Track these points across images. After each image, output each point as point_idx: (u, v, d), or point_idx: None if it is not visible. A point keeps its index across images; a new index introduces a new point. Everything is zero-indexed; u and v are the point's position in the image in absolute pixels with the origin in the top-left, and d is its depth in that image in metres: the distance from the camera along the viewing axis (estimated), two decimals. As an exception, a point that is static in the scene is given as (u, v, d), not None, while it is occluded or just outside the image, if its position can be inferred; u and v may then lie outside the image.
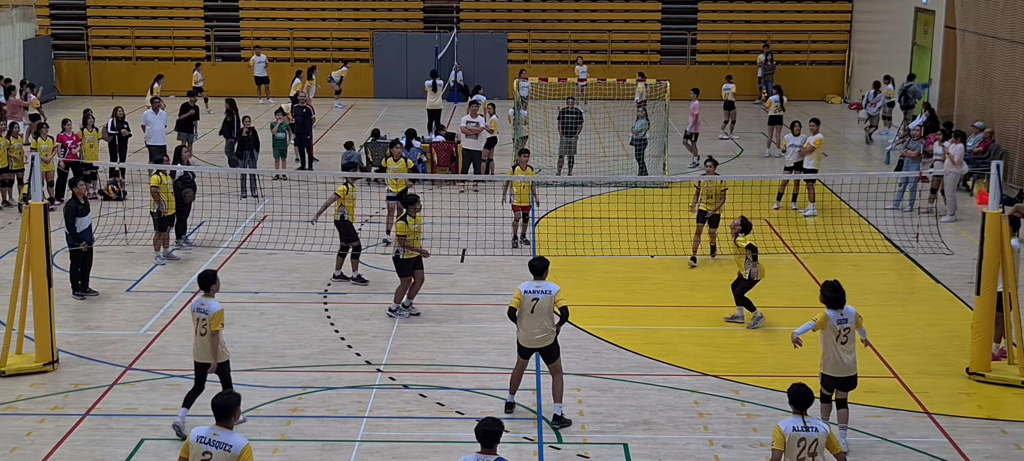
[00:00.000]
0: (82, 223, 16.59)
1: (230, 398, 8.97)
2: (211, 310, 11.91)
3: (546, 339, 12.37)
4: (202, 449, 8.69)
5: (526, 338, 12.44)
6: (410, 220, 15.80)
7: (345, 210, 17.64)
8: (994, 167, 13.99)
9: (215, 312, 11.90)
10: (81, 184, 17.00)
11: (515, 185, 19.57)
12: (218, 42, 40.47)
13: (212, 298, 12.04)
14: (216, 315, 11.90)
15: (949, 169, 21.71)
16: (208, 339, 11.96)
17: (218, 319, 11.92)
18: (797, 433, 9.21)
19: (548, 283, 12.40)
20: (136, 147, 27.08)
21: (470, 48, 39.15)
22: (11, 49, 36.68)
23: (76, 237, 16.56)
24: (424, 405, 13.14)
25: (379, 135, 26.37)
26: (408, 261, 15.89)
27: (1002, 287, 13.85)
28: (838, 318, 11.63)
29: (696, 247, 18.83)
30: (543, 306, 12.24)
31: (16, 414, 12.80)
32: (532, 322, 12.31)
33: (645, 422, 12.69)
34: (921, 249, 19.48)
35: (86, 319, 16.08)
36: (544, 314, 12.28)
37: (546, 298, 12.24)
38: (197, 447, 8.73)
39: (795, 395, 9.41)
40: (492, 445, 8.79)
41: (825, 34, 40.38)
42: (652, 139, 26.34)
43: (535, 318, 12.29)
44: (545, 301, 12.24)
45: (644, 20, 40.32)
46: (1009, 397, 13.55)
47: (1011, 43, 25.38)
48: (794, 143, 22.68)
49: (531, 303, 12.26)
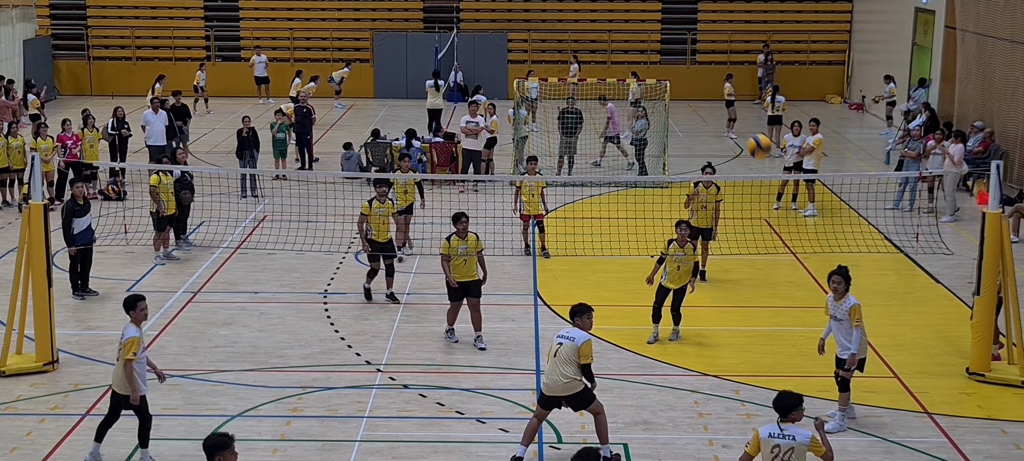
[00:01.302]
0: (80, 224, 16.58)
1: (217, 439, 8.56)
2: (125, 336, 11.22)
3: (569, 387, 11.30)
4: None
5: (546, 383, 11.47)
6: (455, 240, 14.79)
7: (370, 228, 16.48)
8: (994, 167, 13.99)
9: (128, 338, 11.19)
10: (79, 184, 16.99)
11: (524, 194, 19.32)
12: (218, 42, 40.47)
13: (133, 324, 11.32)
14: (129, 342, 11.17)
15: (949, 169, 21.72)
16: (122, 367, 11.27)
17: (131, 346, 11.21)
18: (772, 439, 9.27)
19: (576, 330, 11.40)
20: (136, 147, 27.09)
21: (470, 48, 39.14)
22: (11, 49, 36.68)
23: (71, 238, 16.56)
24: (424, 405, 13.15)
25: (379, 135, 26.37)
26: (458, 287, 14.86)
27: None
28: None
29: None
30: (565, 353, 11.25)
31: (16, 414, 12.80)
32: (553, 367, 11.32)
33: (645, 422, 12.69)
34: (921, 249, 19.48)
35: (86, 319, 16.08)
36: (564, 362, 11.24)
37: (569, 346, 11.26)
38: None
39: (776, 401, 9.45)
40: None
41: (825, 34, 40.38)
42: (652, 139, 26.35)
43: (556, 363, 11.29)
44: (568, 348, 11.25)
45: (644, 20, 40.32)
46: (1009, 397, 13.56)
47: (1011, 43, 25.38)
48: (794, 143, 22.69)
49: (556, 346, 11.38)
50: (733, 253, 19.10)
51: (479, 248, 14.95)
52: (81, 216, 16.62)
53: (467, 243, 14.79)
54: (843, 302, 12.26)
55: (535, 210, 19.41)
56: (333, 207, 21.76)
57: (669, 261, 14.91)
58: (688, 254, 14.92)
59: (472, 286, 14.91)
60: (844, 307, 12.24)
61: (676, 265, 14.90)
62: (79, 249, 16.70)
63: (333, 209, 21.63)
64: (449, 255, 14.75)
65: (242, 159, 24.24)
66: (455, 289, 14.87)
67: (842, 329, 12.30)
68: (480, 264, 15.01)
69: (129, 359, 11.16)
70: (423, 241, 19.75)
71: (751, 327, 16.12)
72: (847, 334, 12.26)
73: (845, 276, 12.32)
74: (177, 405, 13.03)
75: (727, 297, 17.30)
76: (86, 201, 16.90)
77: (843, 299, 12.27)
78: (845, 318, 12.23)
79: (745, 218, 21.38)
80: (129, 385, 11.24)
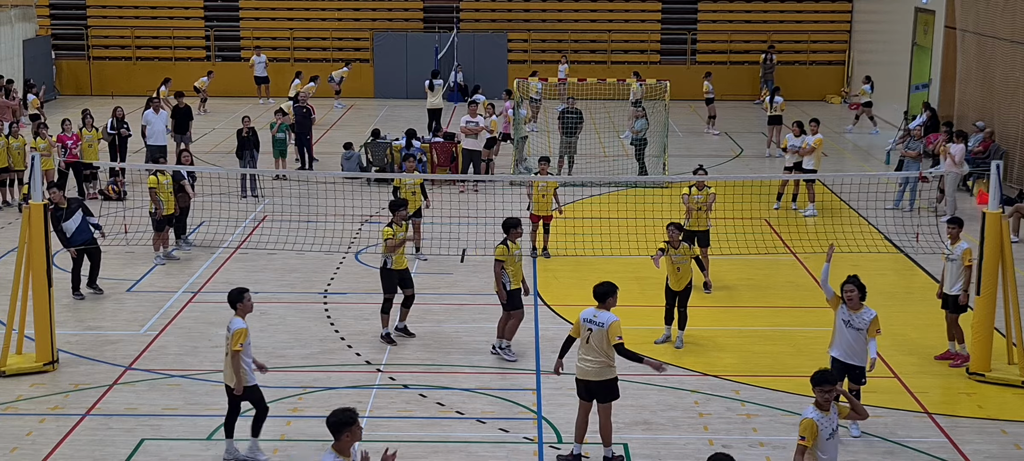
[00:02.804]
0: (70, 226, 16.57)
1: (343, 415, 8.49)
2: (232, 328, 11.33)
3: (602, 373, 11.24)
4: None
5: (580, 367, 11.38)
6: (511, 244, 14.31)
7: (389, 257, 15.02)
8: (994, 167, 14.00)
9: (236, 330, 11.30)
10: (53, 189, 16.60)
11: (535, 195, 19.07)
12: (218, 42, 40.48)
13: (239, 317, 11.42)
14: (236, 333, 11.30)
15: (950, 169, 21.72)
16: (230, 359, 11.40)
17: (239, 337, 11.35)
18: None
19: (603, 314, 11.30)
20: (136, 147, 27.09)
21: (470, 48, 39.15)
22: (11, 49, 36.68)
23: (66, 241, 16.57)
24: (424, 405, 13.15)
25: (379, 135, 26.39)
26: (514, 292, 14.34)
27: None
28: None
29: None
30: (596, 340, 11.22)
31: (16, 414, 12.80)
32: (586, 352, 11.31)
33: (645, 422, 12.69)
34: (921, 249, 19.48)
35: (86, 319, 16.09)
36: (597, 350, 11.22)
37: (598, 332, 11.21)
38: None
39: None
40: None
41: (825, 34, 40.39)
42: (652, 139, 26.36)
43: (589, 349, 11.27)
44: (598, 335, 11.21)
45: (644, 20, 40.33)
46: (1009, 397, 13.56)
47: (1011, 43, 25.38)
48: (794, 144, 22.70)
49: (586, 333, 11.31)
50: (733, 253, 19.10)
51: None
52: (67, 219, 16.57)
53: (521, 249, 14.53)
54: (863, 313, 12.00)
55: (545, 211, 19.21)
56: (333, 207, 21.77)
57: (669, 264, 14.90)
58: (684, 253, 14.94)
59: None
60: (865, 318, 11.97)
61: (675, 266, 14.90)
62: (81, 249, 16.71)
63: (333, 209, 21.64)
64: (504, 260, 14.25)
65: (242, 159, 24.24)
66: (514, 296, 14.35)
67: (859, 339, 12.00)
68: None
69: (236, 350, 11.28)
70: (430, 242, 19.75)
71: (751, 327, 16.12)
72: (862, 344, 12.00)
73: (858, 285, 12.04)
74: (177, 405, 13.03)
75: (727, 297, 17.30)
76: (69, 202, 16.84)
77: (861, 309, 12.01)
78: (864, 328, 11.95)
79: (745, 218, 21.38)
80: (235, 376, 11.35)
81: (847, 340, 12.05)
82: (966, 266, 14.18)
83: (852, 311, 12.02)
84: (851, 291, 11.99)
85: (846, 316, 12.05)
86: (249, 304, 11.69)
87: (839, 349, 12.16)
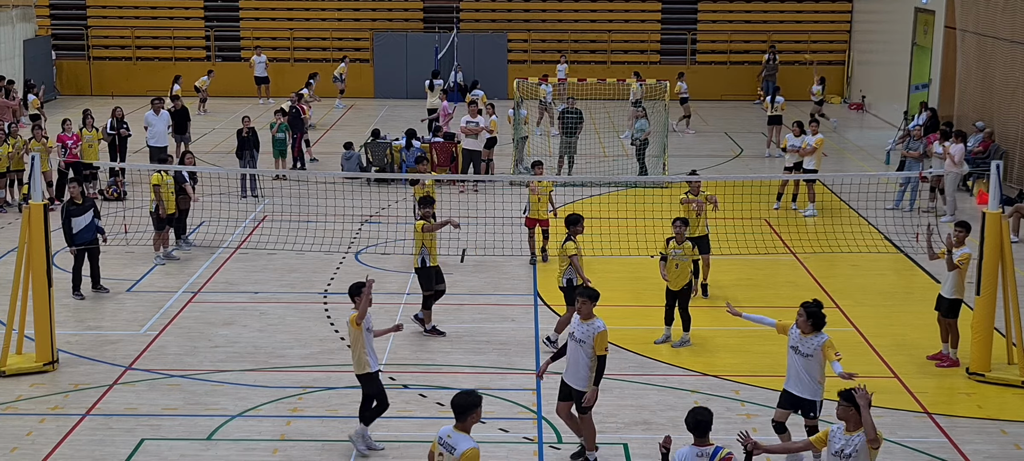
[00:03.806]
0: (78, 223, 16.61)
1: (469, 398, 8.86)
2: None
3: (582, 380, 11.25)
4: (439, 449, 8.83)
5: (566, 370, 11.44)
6: (579, 239, 14.84)
7: (426, 252, 15.34)
8: (994, 167, 14.00)
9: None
10: (73, 184, 17.06)
11: (530, 199, 18.83)
12: (218, 42, 40.47)
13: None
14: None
15: (949, 169, 21.71)
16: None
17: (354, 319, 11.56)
18: None
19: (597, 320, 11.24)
20: (136, 147, 27.09)
21: (470, 48, 39.15)
22: (11, 49, 36.68)
23: (70, 238, 16.60)
24: (424, 405, 13.15)
25: (379, 135, 26.38)
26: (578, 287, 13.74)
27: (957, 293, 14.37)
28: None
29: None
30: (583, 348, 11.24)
31: (16, 414, 12.80)
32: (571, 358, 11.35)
33: (645, 422, 12.69)
34: (921, 249, 19.47)
35: (86, 319, 16.09)
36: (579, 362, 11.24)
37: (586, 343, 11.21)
38: (437, 446, 8.87)
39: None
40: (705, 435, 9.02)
41: (825, 34, 40.38)
42: (652, 139, 26.36)
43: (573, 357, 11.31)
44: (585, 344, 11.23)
45: (644, 20, 40.33)
46: (1009, 397, 13.56)
47: (1011, 43, 25.38)
48: (794, 144, 22.70)
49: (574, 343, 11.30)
50: (733, 253, 19.10)
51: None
52: (79, 215, 16.64)
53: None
54: (813, 338, 11.03)
55: (542, 215, 18.94)
56: (333, 207, 21.77)
57: (669, 260, 14.91)
58: (686, 251, 14.94)
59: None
60: (814, 343, 11.01)
61: (674, 264, 14.90)
62: (81, 248, 16.71)
63: (333, 209, 21.63)
64: (575, 254, 14.69)
65: (242, 159, 24.24)
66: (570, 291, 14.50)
67: (809, 367, 11.01)
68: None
69: (356, 328, 11.59)
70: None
71: (751, 327, 16.06)
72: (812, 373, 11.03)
73: (810, 313, 11.04)
74: (177, 405, 13.03)
75: (727, 297, 17.27)
76: (85, 199, 16.91)
77: (812, 334, 11.05)
78: (812, 354, 10.99)
79: (745, 218, 21.38)
80: (355, 359, 11.67)
81: (795, 368, 11.15)
82: (957, 267, 14.13)
83: (803, 334, 11.10)
84: (800, 315, 11.10)
85: (794, 341, 11.18)
86: (367, 299, 11.70)
87: (789, 380, 11.29)
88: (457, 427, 8.80)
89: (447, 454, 8.71)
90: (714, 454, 8.96)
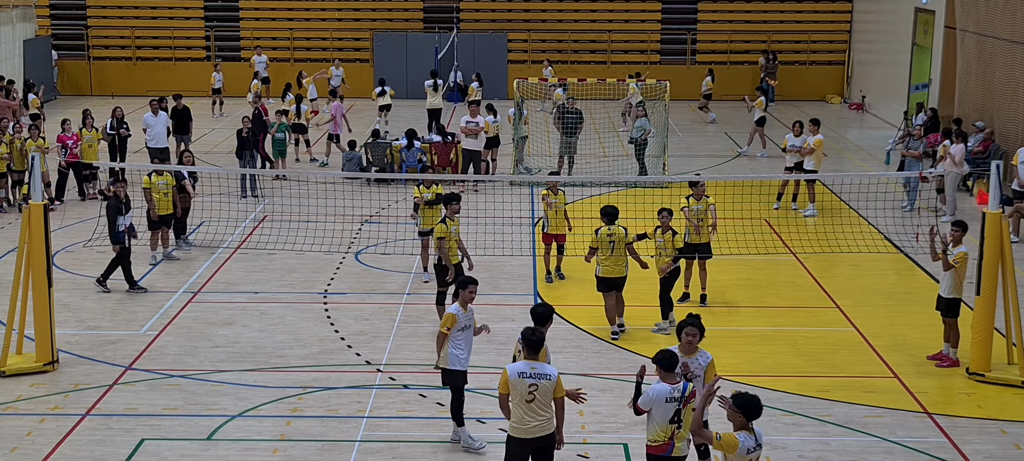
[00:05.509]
0: (123, 221, 16.98)
1: (537, 335, 10.00)
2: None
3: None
4: (527, 383, 9.72)
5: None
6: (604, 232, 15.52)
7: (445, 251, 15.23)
8: (994, 167, 13.99)
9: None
10: (121, 183, 17.28)
11: (549, 213, 18.00)
12: (218, 42, 40.47)
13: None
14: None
15: (950, 169, 21.71)
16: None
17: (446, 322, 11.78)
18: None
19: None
20: (136, 147, 27.09)
21: (470, 48, 39.15)
22: (11, 49, 36.68)
23: (116, 235, 16.91)
24: (424, 405, 13.15)
25: (379, 135, 26.38)
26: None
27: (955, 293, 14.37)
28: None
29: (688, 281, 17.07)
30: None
31: (16, 414, 12.80)
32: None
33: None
34: (921, 249, 19.47)
35: (86, 319, 16.09)
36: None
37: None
38: (520, 382, 9.75)
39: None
40: (672, 369, 9.58)
41: (825, 34, 40.38)
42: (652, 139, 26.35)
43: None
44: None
45: (644, 20, 40.33)
46: (1009, 397, 13.55)
47: (1011, 43, 25.38)
48: (794, 144, 22.69)
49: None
50: (733, 253, 19.10)
51: (629, 239, 15.55)
52: (124, 213, 17.04)
53: (615, 235, 15.40)
54: (698, 356, 10.46)
55: (561, 229, 18.21)
56: (333, 207, 21.76)
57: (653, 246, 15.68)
58: (667, 242, 15.54)
59: (620, 280, 15.51)
60: (701, 362, 10.44)
61: (657, 252, 15.66)
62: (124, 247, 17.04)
63: (333, 209, 21.63)
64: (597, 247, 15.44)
65: (242, 159, 24.23)
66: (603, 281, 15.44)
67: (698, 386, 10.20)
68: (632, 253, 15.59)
69: (442, 332, 11.72)
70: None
71: (751, 327, 16.12)
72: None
73: (699, 327, 10.47)
74: (177, 405, 13.03)
75: (727, 297, 17.30)
76: (127, 199, 17.20)
77: (696, 353, 10.45)
78: (701, 375, 10.37)
79: (745, 218, 21.37)
80: (438, 354, 11.82)
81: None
82: (953, 267, 14.14)
83: (687, 356, 10.39)
84: (692, 334, 10.42)
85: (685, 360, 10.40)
86: (470, 294, 11.87)
87: None
88: (530, 358, 9.89)
89: (542, 383, 9.74)
90: (684, 390, 9.68)
